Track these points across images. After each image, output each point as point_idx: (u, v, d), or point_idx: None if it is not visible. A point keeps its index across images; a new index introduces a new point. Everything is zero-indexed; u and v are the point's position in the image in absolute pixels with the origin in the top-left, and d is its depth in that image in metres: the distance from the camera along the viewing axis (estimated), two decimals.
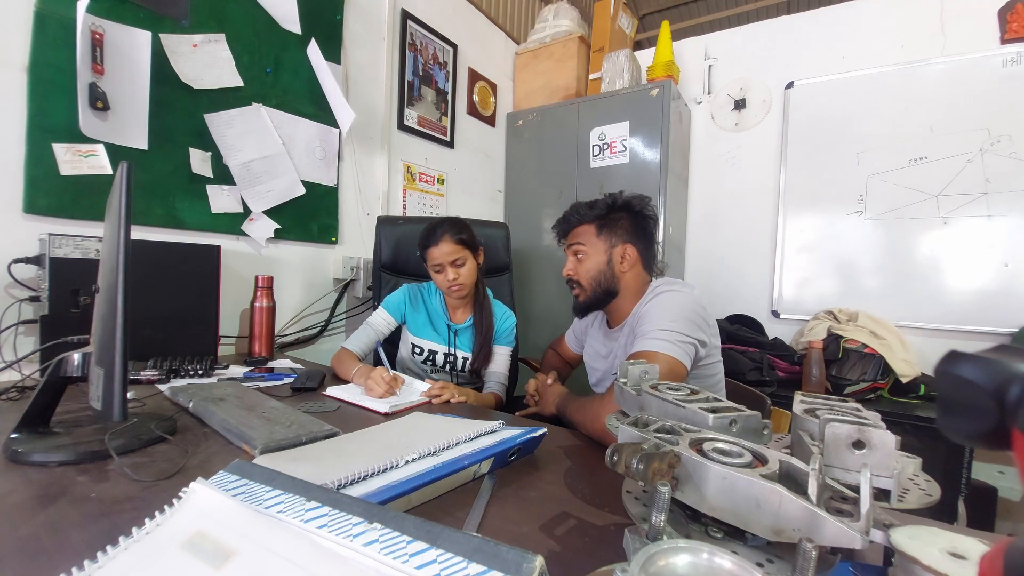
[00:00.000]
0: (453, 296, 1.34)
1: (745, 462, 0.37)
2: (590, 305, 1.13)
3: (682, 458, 0.37)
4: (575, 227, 1.13)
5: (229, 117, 1.50)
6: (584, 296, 1.11)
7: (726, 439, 0.41)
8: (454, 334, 1.39)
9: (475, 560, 0.31)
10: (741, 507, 0.34)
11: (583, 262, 1.10)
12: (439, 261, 1.28)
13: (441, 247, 1.27)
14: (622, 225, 1.09)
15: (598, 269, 1.08)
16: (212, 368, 1.17)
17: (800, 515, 0.32)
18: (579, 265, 1.11)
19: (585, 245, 1.10)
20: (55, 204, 1.17)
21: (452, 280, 1.29)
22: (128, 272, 0.59)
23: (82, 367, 0.69)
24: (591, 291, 1.10)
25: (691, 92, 2.61)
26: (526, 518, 0.54)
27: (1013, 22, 1.90)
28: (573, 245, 1.12)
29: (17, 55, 1.12)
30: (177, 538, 0.37)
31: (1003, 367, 0.22)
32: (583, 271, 1.10)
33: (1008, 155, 1.89)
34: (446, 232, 1.28)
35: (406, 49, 2.12)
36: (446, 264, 1.28)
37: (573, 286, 1.13)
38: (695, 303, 0.98)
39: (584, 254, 1.10)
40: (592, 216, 1.10)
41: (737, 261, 2.49)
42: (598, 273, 1.08)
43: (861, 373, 1.88)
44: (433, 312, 1.41)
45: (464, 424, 0.75)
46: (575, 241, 1.12)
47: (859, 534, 0.30)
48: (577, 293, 1.13)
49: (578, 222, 1.12)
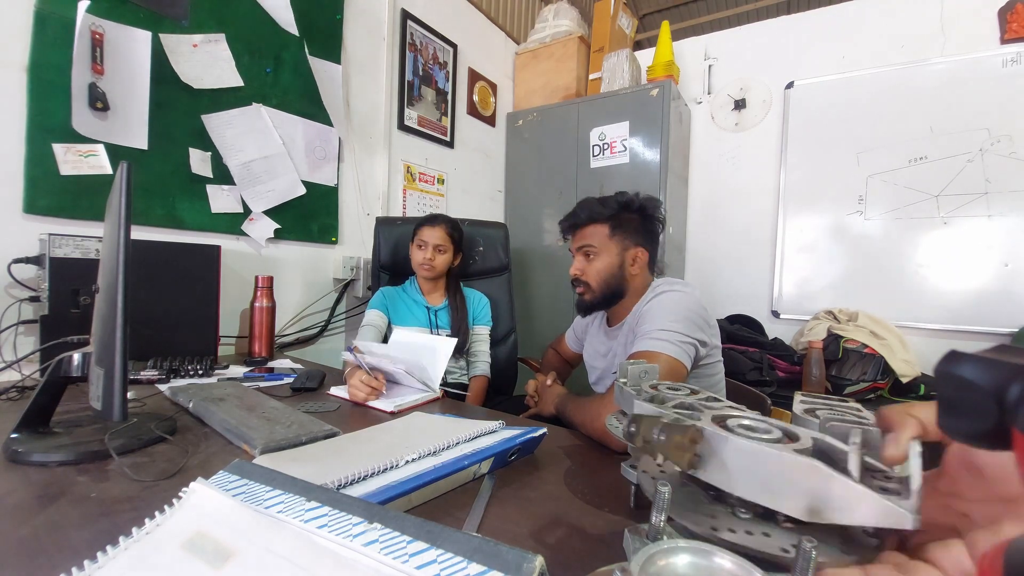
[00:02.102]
0: (422, 273, 1.49)
1: (774, 438, 0.34)
2: (596, 305, 1.11)
3: (705, 433, 0.34)
4: (585, 225, 1.10)
5: (229, 117, 1.50)
6: (591, 296, 1.09)
7: (752, 416, 0.38)
8: (434, 315, 1.51)
9: (475, 560, 0.31)
10: (772, 485, 0.31)
11: (593, 262, 1.07)
12: (426, 239, 1.46)
13: (435, 230, 1.47)
14: (634, 227, 1.07)
15: (609, 271, 1.06)
16: (212, 368, 1.17)
17: (842, 493, 0.29)
18: (589, 265, 1.08)
19: (596, 246, 1.07)
20: (55, 204, 1.17)
21: (428, 259, 1.45)
22: (128, 272, 0.59)
23: (82, 367, 0.69)
24: (600, 292, 1.08)
25: (691, 92, 2.61)
26: (526, 518, 0.53)
27: (1013, 22, 1.90)
28: (584, 247, 1.09)
29: (17, 55, 1.12)
30: (177, 538, 0.37)
31: (1003, 367, 0.22)
32: (593, 271, 1.07)
33: (1008, 155, 1.89)
34: (444, 222, 1.49)
35: (406, 49, 2.12)
36: (430, 244, 1.46)
37: (579, 285, 1.11)
38: (696, 303, 0.98)
39: (595, 254, 1.07)
40: (605, 216, 1.07)
41: (737, 261, 2.49)
42: (609, 275, 1.06)
43: (861, 373, 1.88)
44: (411, 299, 1.53)
45: (464, 424, 0.75)
46: (585, 243, 1.09)
47: (910, 513, 0.28)
48: (583, 292, 1.10)
49: (588, 220, 1.09)
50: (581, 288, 1.10)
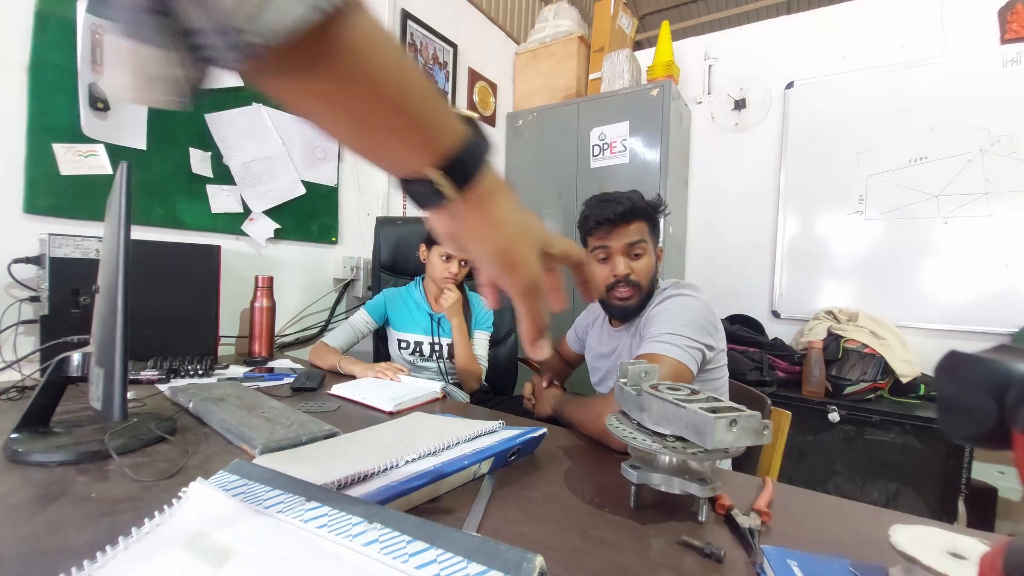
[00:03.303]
0: (446, 286, 1.43)
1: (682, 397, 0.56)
2: (638, 309, 1.02)
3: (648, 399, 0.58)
4: (633, 221, 1.00)
5: (229, 117, 1.50)
6: (639, 299, 1.01)
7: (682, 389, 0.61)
8: (437, 323, 1.45)
9: (475, 560, 0.31)
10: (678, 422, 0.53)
11: (642, 260, 1.01)
12: (453, 252, 1.38)
13: None
14: (658, 226, 1.05)
15: (653, 271, 1.02)
16: (212, 368, 1.17)
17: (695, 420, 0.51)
18: (639, 264, 1.00)
19: (647, 242, 1.01)
20: (55, 204, 1.17)
21: (453, 274, 1.40)
22: (128, 272, 0.59)
23: (82, 367, 0.69)
24: (646, 294, 1.02)
25: (691, 92, 2.61)
26: (526, 518, 0.53)
27: (1013, 22, 1.90)
28: (635, 243, 0.99)
29: (17, 55, 1.12)
30: (177, 538, 0.37)
31: (1003, 367, 0.22)
32: (644, 271, 0.99)
33: (1008, 155, 1.89)
34: None
35: (406, 49, 2.12)
36: (456, 258, 1.40)
37: (626, 287, 1.00)
38: (705, 308, 0.97)
39: (644, 252, 1.01)
40: (648, 213, 1.01)
41: (737, 261, 2.49)
42: (654, 275, 1.02)
43: (861, 373, 1.88)
44: (414, 305, 1.48)
45: (464, 424, 0.75)
46: (639, 238, 0.99)
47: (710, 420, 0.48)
48: (630, 295, 1.00)
49: (639, 215, 0.99)
50: (629, 291, 1.00)
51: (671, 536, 0.51)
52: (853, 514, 0.59)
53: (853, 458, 1.80)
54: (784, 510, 0.57)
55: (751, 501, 0.58)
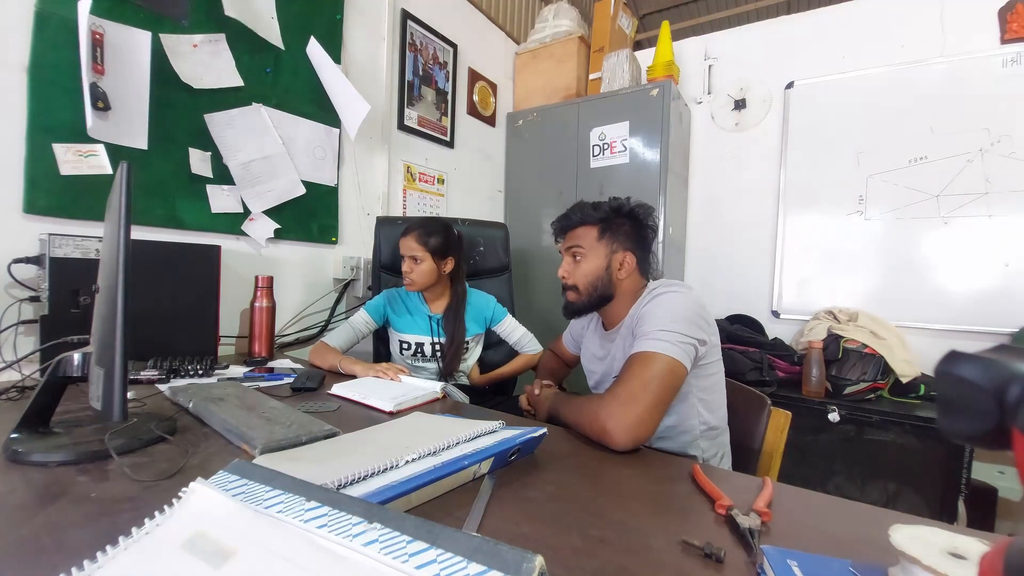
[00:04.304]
0: (406, 287, 1.45)
1: None
2: (582, 309, 1.11)
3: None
4: (576, 227, 1.10)
5: (229, 117, 1.50)
6: (577, 299, 1.09)
7: None
8: (436, 323, 1.47)
9: (475, 560, 0.31)
10: None
11: (580, 265, 1.08)
12: (402, 252, 1.42)
13: (407, 240, 1.41)
14: (624, 231, 1.07)
15: (596, 274, 1.06)
16: (212, 368, 1.17)
17: None
18: (576, 267, 1.08)
19: (584, 248, 1.08)
20: (55, 204, 1.17)
21: (406, 272, 1.42)
22: (128, 272, 0.59)
23: (82, 367, 0.69)
24: (586, 295, 1.08)
25: (691, 92, 2.61)
26: (526, 518, 0.53)
27: (1013, 22, 1.90)
28: (572, 247, 1.10)
29: (17, 55, 1.12)
30: (177, 538, 0.37)
31: (1003, 367, 0.22)
32: (580, 274, 1.08)
33: (1008, 155, 1.89)
34: (415, 230, 1.42)
35: (406, 49, 2.12)
36: (406, 256, 1.41)
37: (567, 288, 1.11)
38: (694, 302, 0.98)
39: (583, 256, 1.08)
40: (596, 218, 1.08)
41: (737, 261, 2.49)
42: (596, 278, 1.06)
43: (861, 373, 1.88)
44: (413, 306, 1.50)
45: (464, 424, 0.75)
46: (574, 243, 1.09)
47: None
48: (571, 295, 1.10)
49: (580, 222, 1.10)
50: (569, 291, 1.10)
51: (671, 536, 0.51)
52: (853, 514, 0.59)
53: (853, 458, 1.80)
54: (784, 510, 0.57)
55: (751, 501, 0.58)
